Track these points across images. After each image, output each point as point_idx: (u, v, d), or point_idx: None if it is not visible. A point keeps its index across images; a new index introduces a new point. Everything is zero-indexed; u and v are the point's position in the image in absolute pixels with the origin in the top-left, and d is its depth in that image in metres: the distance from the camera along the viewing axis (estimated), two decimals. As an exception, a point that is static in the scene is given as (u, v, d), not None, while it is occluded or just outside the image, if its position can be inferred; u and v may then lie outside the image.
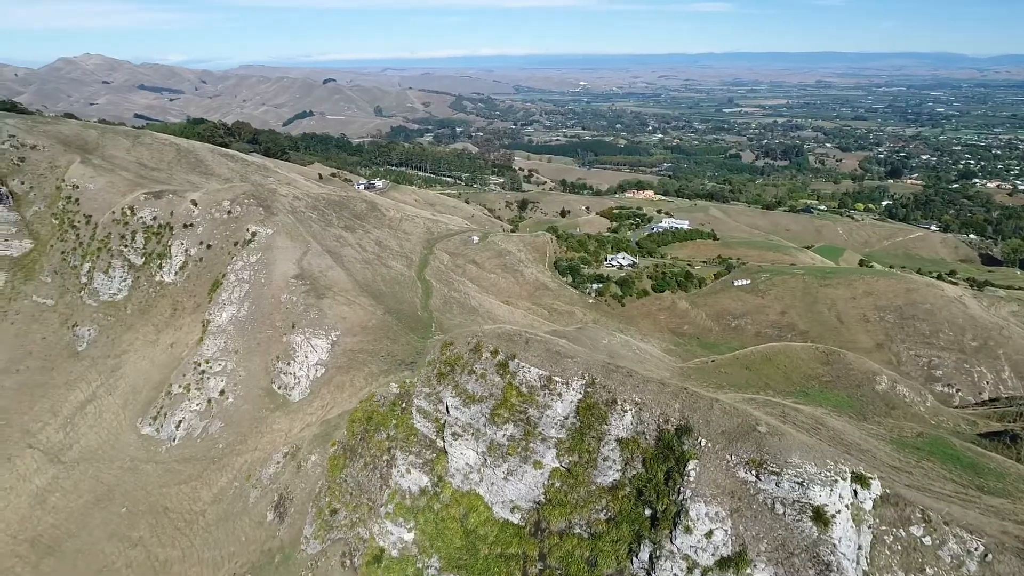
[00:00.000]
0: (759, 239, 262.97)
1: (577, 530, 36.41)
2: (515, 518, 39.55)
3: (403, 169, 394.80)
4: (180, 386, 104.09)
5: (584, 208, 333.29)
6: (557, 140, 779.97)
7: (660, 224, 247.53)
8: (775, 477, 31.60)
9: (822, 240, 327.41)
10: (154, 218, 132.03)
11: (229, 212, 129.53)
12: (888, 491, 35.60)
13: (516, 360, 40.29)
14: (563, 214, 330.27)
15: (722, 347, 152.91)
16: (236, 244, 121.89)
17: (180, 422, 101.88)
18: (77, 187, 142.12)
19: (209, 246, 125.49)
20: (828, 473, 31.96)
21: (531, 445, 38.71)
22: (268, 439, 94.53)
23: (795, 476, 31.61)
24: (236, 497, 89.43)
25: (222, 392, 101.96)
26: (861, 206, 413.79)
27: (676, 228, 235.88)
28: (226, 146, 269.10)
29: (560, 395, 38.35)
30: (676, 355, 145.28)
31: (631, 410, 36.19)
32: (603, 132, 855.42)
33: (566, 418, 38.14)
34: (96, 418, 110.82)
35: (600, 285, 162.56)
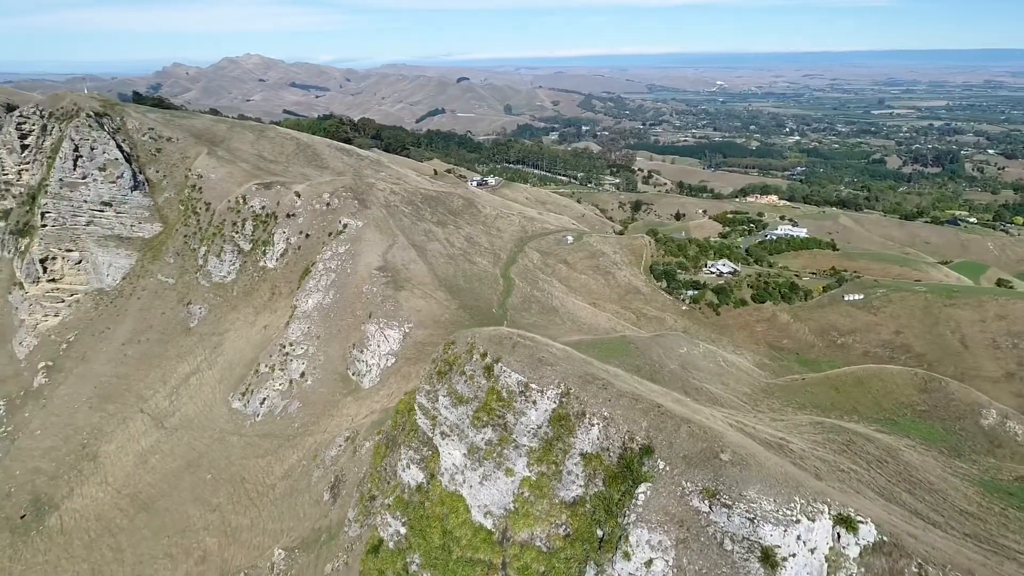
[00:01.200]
0: (888, 252, 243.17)
1: (537, 543, 35.35)
2: (488, 523, 39.01)
3: (519, 167, 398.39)
4: (267, 366, 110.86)
5: (700, 211, 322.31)
6: (684, 141, 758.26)
7: (775, 231, 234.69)
8: (727, 510, 29.06)
9: (968, 255, 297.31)
10: (263, 207, 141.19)
11: (328, 204, 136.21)
12: (885, 538, 31.84)
13: (500, 364, 39.66)
14: (677, 217, 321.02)
15: (823, 365, 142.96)
16: (330, 235, 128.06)
17: (264, 399, 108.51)
18: (201, 176, 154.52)
19: (308, 235, 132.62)
20: (787, 511, 28.87)
21: (505, 451, 38.00)
22: (336, 422, 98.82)
23: (747, 511, 28.88)
24: (302, 474, 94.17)
25: (302, 374, 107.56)
26: (1021, 219, 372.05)
27: (792, 236, 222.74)
28: (348, 141, 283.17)
29: (535, 403, 37.35)
30: (769, 370, 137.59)
31: (598, 424, 34.61)
32: (735, 133, 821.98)
33: (539, 427, 37.08)
34: (196, 390, 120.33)
35: (695, 292, 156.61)
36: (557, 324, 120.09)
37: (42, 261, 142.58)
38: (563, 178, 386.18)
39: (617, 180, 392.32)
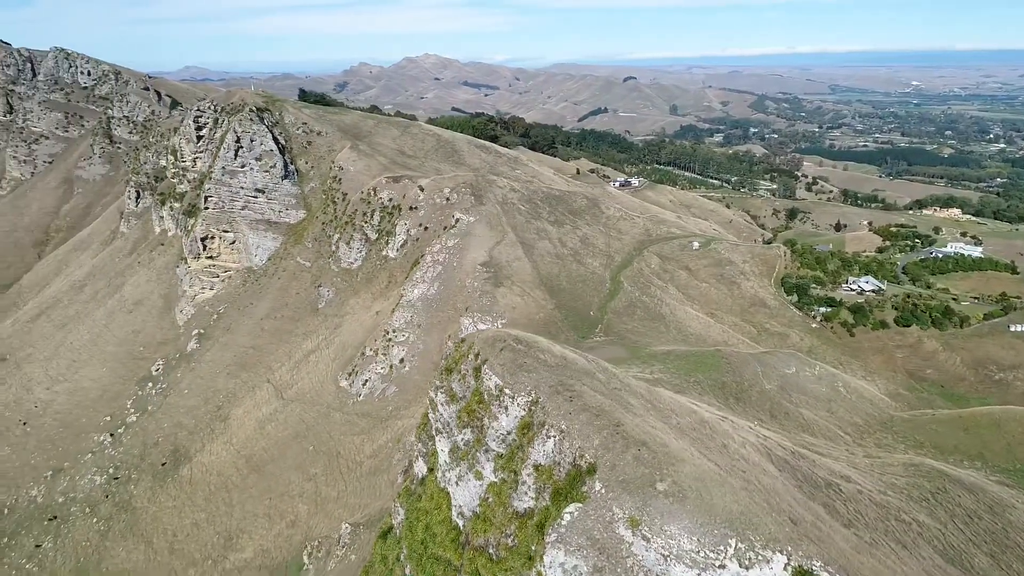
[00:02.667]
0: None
1: (490, 550, 34.65)
2: (460, 523, 38.93)
3: (670, 168, 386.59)
4: (371, 349, 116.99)
5: (863, 223, 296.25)
6: (863, 146, 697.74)
7: (943, 248, 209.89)
8: (645, 543, 26.72)
9: None
10: (390, 199, 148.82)
11: (447, 199, 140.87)
12: (856, 602, 27.95)
13: (485, 366, 39.27)
14: (837, 227, 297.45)
15: (972, 401, 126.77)
16: (444, 228, 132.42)
17: (366, 381, 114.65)
18: (342, 168, 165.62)
19: (426, 228, 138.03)
20: (711, 553, 25.83)
21: (478, 454, 37.61)
22: (423, 410, 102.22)
23: (663, 547, 26.32)
24: (386, 456, 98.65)
25: (401, 360, 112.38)
26: None
27: (963, 255, 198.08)
28: (495, 139, 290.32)
29: (507, 408, 36.56)
30: (903, 401, 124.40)
31: (555, 437, 33.20)
32: (925, 139, 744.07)
33: (508, 433, 36.27)
34: (314, 366, 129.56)
35: (829, 309, 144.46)
36: (659, 332, 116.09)
37: (203, 239, 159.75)
38: (715, 181, 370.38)
39: (774, 186, 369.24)
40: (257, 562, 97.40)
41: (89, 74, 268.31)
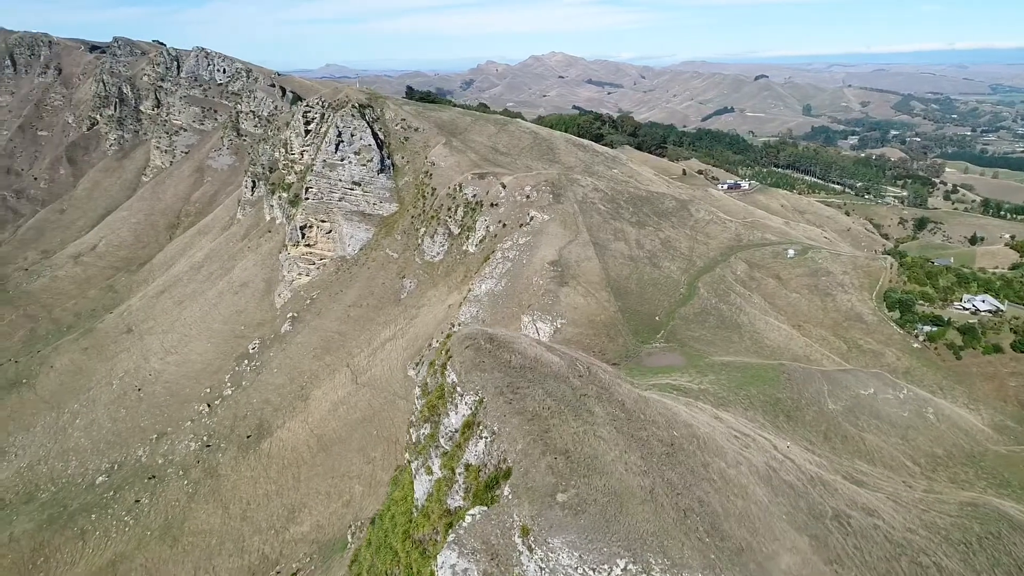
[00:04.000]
0: None
1: (424, 545, 34.76)
2: (415, 515, 39.36)
3: (788, 172, 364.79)
4: (437, 341, 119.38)
5: (1005, 236, 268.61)
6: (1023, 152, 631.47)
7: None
8: (529, 553, 25.68)
9: None
10: (474, 195, 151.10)
11: (527, 197, 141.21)
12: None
13: (449, 363, 39.31)
14: (972, 240, 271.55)
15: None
16: (520, 225, 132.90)
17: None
18: (433, 164, 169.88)
19: (504, 225, 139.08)
20: (586, 571, 24.24)
21: (431, 450, 37.72)
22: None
23: (542, 559, 25.08)
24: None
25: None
26: None
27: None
28: (599, 138, 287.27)
29: (457, 407, 36.40)
30: (1010, 435, 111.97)
31: (486, 438, 32.62)
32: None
33: (455, 431, 36.12)
34: (388, 354, 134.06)
35: (934, 328, 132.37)
36: (729, 342, 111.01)
37: (302, 228, 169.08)
38: (837, 187, 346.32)
39: (904, 193, 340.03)
40: (312, 536, 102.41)
41: (224, 71, 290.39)
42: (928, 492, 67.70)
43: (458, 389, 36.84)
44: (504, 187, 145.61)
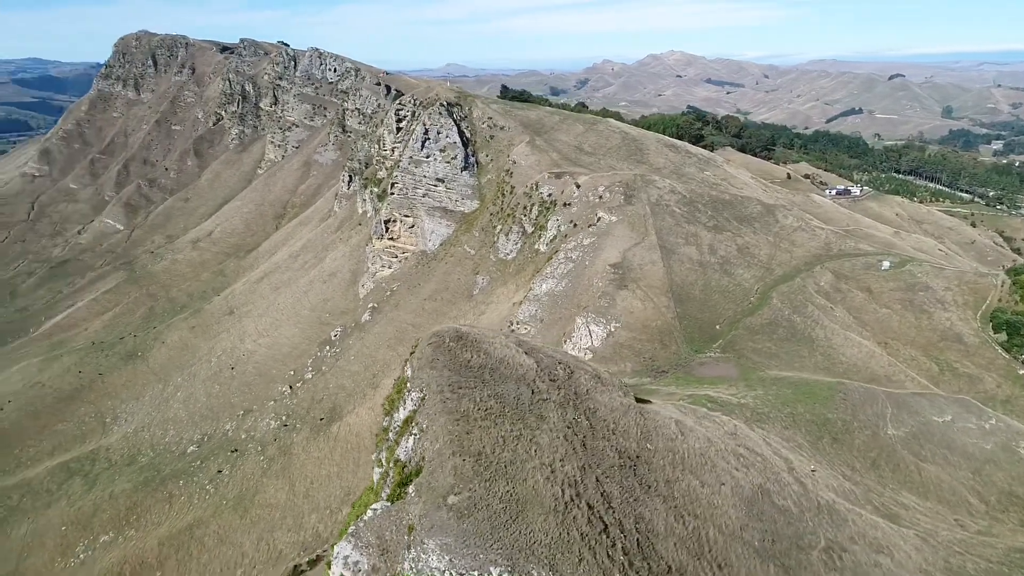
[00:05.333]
0: None
1: (362, 535, 35.44)
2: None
3: (909, 178, 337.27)
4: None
5: None
6: None
7: None
8: (408, 553, 25.45)
9: None
10: (549, 195, 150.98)
11: (600, 197, 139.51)
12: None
13: (411, 359, 39.84)
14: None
15: None
16: (589, 226, 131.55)
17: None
18: (515, 163, 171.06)
19: (574, 225, 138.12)
20: (453, 574, 23.63)
21: (382, 444, 38.47)
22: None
23: (415, 558, 24.75)
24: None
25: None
26: None
27: None
28: (699, 138, 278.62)
29: (405, 402, 36.82)
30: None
31: (416, 435, 32.80)
32: None
33: (400, 426, 36.62)
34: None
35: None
36: (796, 356, 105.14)
37: (386, 222, 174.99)
38: (965, 195, 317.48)
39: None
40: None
41: (335, 71, 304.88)
42: (981, 533, 61.49)
43: (408, 385, 37.37)
44: (578, 187, 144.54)
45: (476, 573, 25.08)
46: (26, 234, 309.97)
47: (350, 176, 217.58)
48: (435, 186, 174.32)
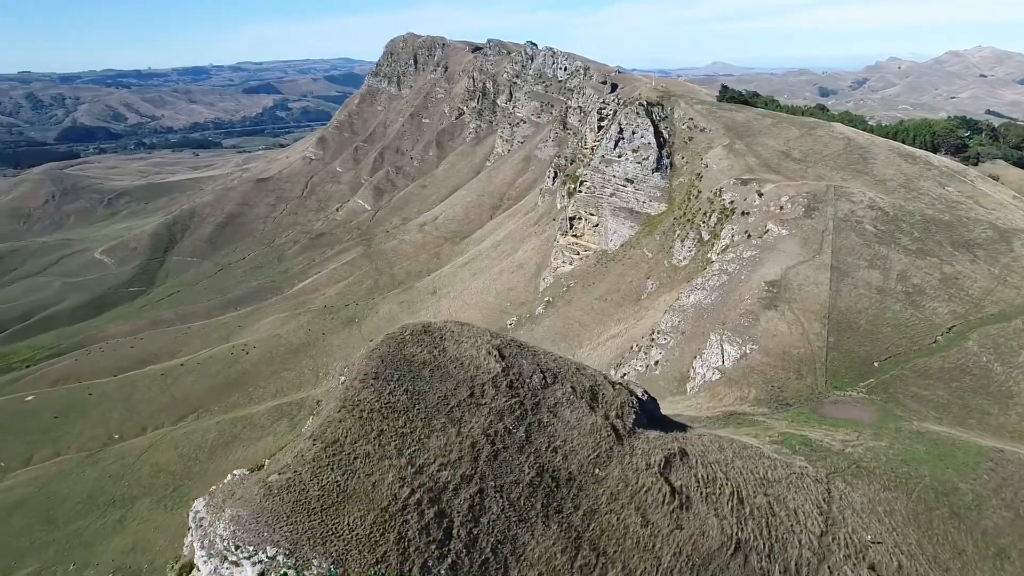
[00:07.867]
0: None
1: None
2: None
3: None
4: (638, 345, 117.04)
5: None
6: None
7: None
8: (211, 516, 26.80)
9: None
10: (731, 202, 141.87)
11: (781, 207, 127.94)
12: None
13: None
14: None
15: None
16: (753, 237, 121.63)
17: (625, 374, 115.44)
18: (707, 167, 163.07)
19: (748, 235, 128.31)
20: (228, 546, 23.98)
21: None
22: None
23: (208, 522, 25.89)
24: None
25: (656, 363, 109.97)
26: None
27: None
28: (962, 148, 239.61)
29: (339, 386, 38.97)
30: None
31: (314, 414, 34.56)
32: None
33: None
34: (605, 350, 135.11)
35: None
36: (979, 413, 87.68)
37: (571, 219, 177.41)
38: None
39: None
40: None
41: (565, 69, 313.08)
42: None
43: (347, 371, 39.36)
44: (760, 195, 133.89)
45: (252, 548, 26.45)
46: (298, 208, 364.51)
47: (555, 172, 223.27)
48: (624, 186, 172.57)
